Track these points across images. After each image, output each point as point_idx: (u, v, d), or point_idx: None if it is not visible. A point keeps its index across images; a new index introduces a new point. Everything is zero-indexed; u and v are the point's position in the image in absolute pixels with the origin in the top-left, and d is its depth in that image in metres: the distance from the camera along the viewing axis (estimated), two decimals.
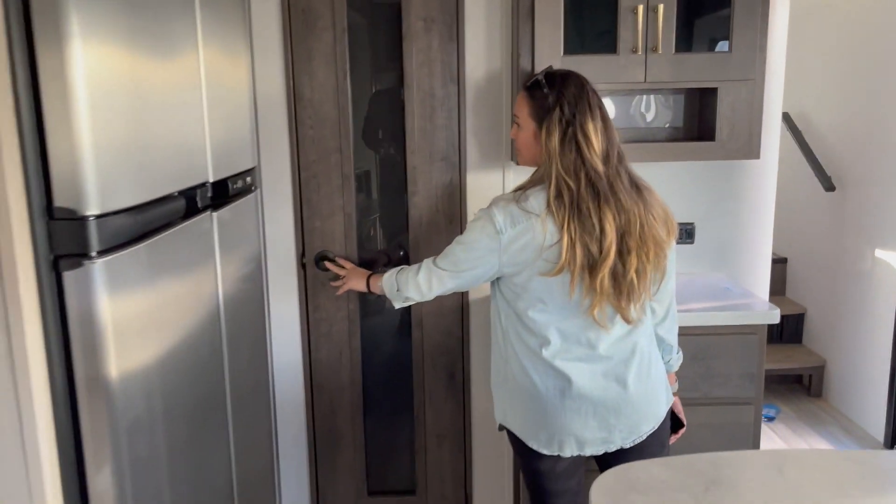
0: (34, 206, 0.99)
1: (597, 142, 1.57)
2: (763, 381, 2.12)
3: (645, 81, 2.08)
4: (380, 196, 2.38)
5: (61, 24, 0.98)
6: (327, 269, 2.25)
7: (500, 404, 1.76)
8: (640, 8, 2.01)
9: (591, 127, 1.57)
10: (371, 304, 2.41)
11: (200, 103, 1.48)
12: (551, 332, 1.61)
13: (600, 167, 1.56)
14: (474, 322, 2.39)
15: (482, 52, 2.23)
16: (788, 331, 4.17)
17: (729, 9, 2.05)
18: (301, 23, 2.19)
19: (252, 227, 1.93)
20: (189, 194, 1.42)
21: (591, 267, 1.54)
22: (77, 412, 1.07)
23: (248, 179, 1.84)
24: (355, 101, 2.27)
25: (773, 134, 2.49)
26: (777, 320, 2.09)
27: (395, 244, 2.38)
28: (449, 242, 1.71)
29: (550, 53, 2.05)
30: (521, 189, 1.64)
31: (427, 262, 1.73)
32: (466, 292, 2.36)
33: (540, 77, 1.64)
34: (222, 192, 1.63)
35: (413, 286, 1.74)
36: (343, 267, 2.08)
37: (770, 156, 2.49)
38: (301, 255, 2.33)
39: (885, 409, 3.40)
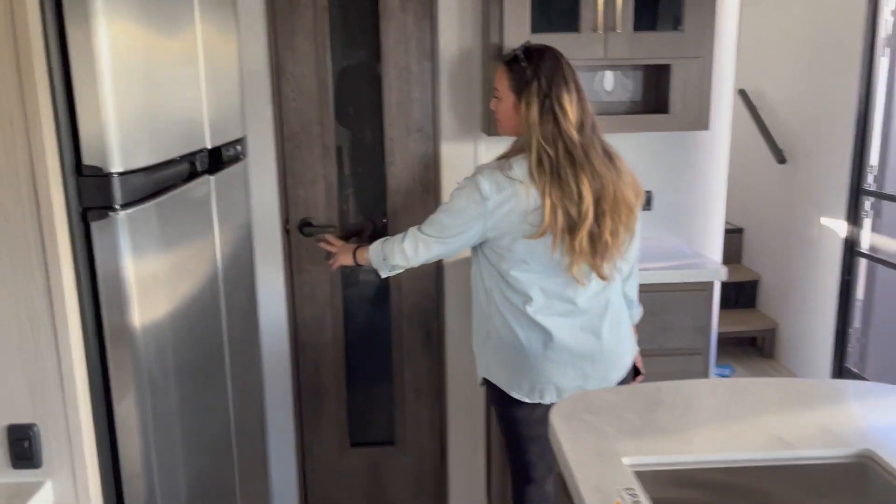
0: (66, 164, 1.13)
1: (572, 112, 1.70)
2: (711, 333, 2.33)
3: (605, 58, 2.24)
4: (361, 167, 2.53)
5: (88, 2, 1.11)
6: (311, 235, 2.40)
7: (482, 360, 1.93)
8: None
9: (566, 98, 1.70)
10: (353, 268, 2.57)
11: (198, 76, 1.61)
12: (534, 291, 1.76)
13: (576, 136, 1.69)
14: (449, 284, 2.57)
15: (455, 29, 2.38)
16: (744, 297, 4.43)
17: None
18: (284, 0, 2.31)
19: (241, 193, 2.07)
20: (190, 159, 1.56)
21: (571, 229, 1.69)
22: (104, 345, 1.22)
23: (239, 148, 1.98)
24: (336, 76, 2.41)
25: (725, 108, 2.69)
26: (724, 278, 2.30)
27: (377, 212, 2.54)
28: (425, 209, 1.86)
29: (518, 31, 2.20)
30: (504, 157, 1.77)
31: (412, 229, 1.86)
32: None
33: (518, 52, 1.77)
34: (217, 159, 1.76)
35: (399, 253, 1.86)
36: (333, 244, 2.20)
37: (722, 129, 2.69)
38: (285, 222, 2.48)
39: (830, 366, 3.67)
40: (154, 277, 1.32)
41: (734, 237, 4.55)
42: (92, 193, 1.16)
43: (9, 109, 1.07)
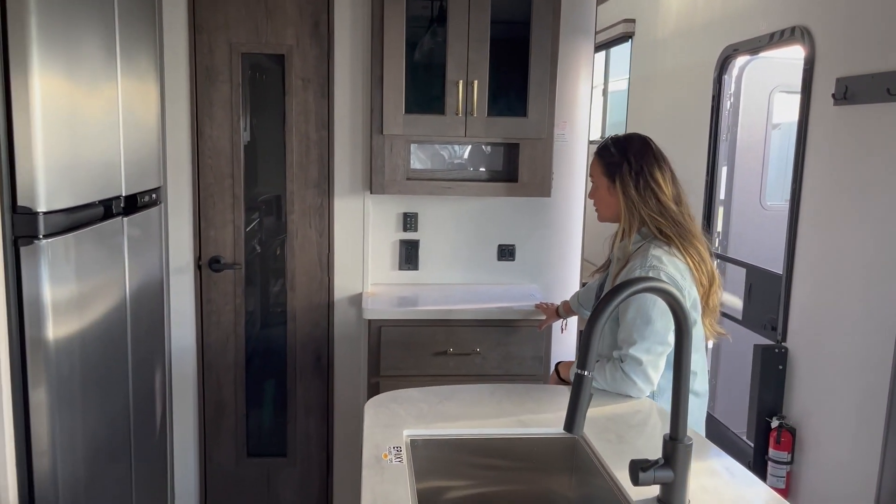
0: (4, 204, 1.56)
1: (667, 188, 1.86)
2: (547, 361, 2.82)
3: (465, 136, 2.78)
4: (265, 214, 3.00)
5: (29, 58, 1.55)
6: (219, 271, 2.84)
7: None
8: (461, 82, 2.72)
9: (659, 175, 1.86)
10: (254, 298, 3.00)
11: (118, 132, 2.05)
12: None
13: (675, 208, 1.86)
14: (338, 316, 3.02)
15: (346, 106, 2.89)
16: None
17: (526, 87, 2.78)
18: (205, 77, 2.80)
19: (155, 234, 2.49)
20: (106, 204, 1.99)
21: (710, 285, 1.86)
22: (24, 345, 1.63)
23: (154, 196, 2.42)
24: (247, 139, 2.89)
25: (579, 178, 3.24)
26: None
27: (273, 251, 2.99)
28: (319, 251, 2.30)
29: (395, 111, 2.73)
30: (644, 238, 1.87)
31: (630, 363, 1.78)
32: (332, 289, 2.98)
33: (607, 140, 1.96)
34: (132, 204, 2.20)
35: (634, 390, 1.81)
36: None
37: (576, 195, 3.24)
38: (198, 258, 2.91)
39: None
40: (68, 298, 1.74)
41: None
42: (23, 226, 1.59)
43: None
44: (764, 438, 3.17)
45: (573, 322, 3.05)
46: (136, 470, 2.29)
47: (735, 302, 3.82)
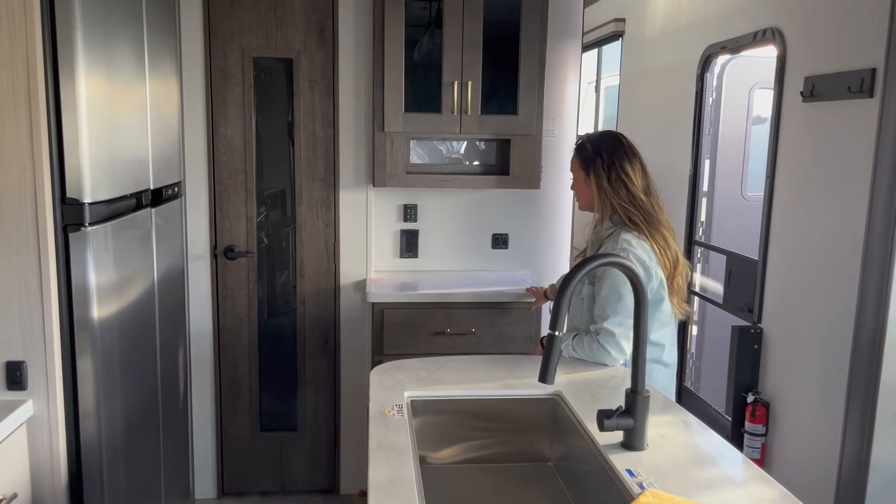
0: (55, 196, 1.79)
1: (637, 179, 2.06)
2: (537, 341, 3.05)
3: (460, 133, 3.00)
4: (275, 206, 3.22)
5: (76, 64, 1.78)
6: (233, 259, 3.06)
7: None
8: (456, 83, 2.95)
9: (629, 168, 2.06)
10: (266, 284, 3.24)
11: (147, 132, 2.28)
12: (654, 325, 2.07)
13: (644, 198, 2.06)
14: (343, 301, 3.25)
15: (350, 106, 3.12)
16: None
17: (517, 87, 3.01)
18: (220, 79, 3.03)
19: (177, 224, 2.72)
20: (137, 196, 2.22)
21: (675, 268, 2.08)
22: (73, 321, 1.86)
23: (176, 189, 2.65)
24: (258, 137, 3.12)
25: (567, 171, 3.45)
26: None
27: (283, 240, 3.22)
28: (325, 241, 2.53)
29: (395, 110, 2.95)
30: (615, 225, 2.09)
31: (604, 334, 2.02)
32: (338, 276, 3.21)
33: (583, 137, 2.16)
34: (158, 197, 2.43)
35: (609, 359, 2.05)
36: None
37: (565, 187, 3.46)
38: (213, 247, 3.14)
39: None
40: (108, 280, 1.97)
41: None
42: (71, 216, 1.82)
43: (21, 161, 1.74)
44: (740, 413, 3.40)
45: None
46: (164, 440, 2.53)
47: (717, 287, 4.05)
